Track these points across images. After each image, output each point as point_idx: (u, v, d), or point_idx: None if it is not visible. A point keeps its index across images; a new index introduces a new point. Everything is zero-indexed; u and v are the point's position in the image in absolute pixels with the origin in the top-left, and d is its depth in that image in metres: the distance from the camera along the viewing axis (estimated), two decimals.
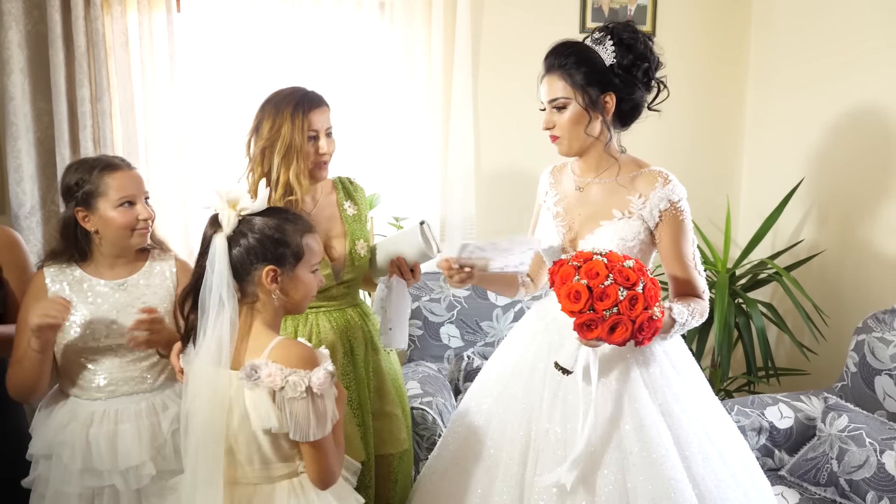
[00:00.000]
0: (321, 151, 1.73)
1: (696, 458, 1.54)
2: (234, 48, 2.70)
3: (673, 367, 1.64)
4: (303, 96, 1.73)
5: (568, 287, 1.41)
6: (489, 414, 1.70)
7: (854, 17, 2.65)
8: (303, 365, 1.33)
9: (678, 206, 1.61)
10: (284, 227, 1.39)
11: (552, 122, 1.66)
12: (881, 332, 2.27)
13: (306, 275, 1.43)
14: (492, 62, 2.98)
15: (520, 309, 2.89)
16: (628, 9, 3.04)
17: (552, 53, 1.65)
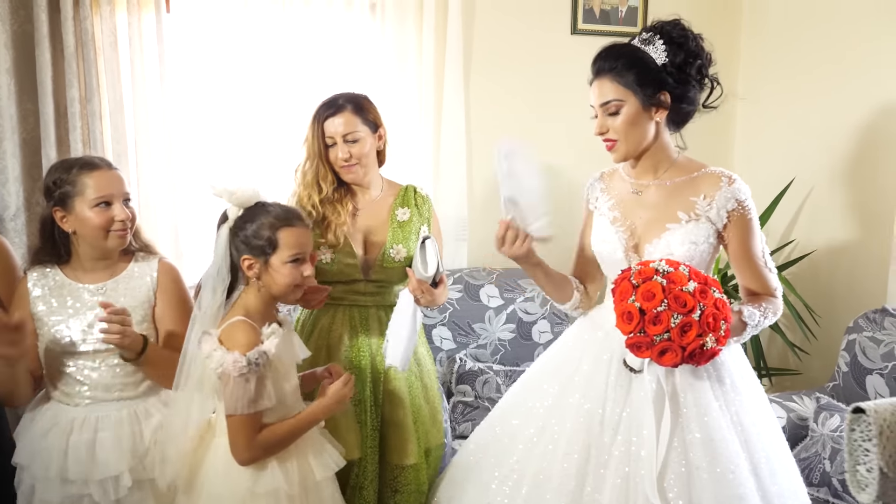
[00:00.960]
0: (340, 157, 1.84)
1: (765, 472, 1.52)
2: (224, 49, 2.68)
3: (742, 378, 1.61)
4: (322, 105, 1.88)
5: (623, 306, 1.40)
6: (541, 425, 1.64)
7: (844, 22, 2.66)
8: (233, 346, 1.49)
9: (745, 204, 1.58)
10: (260, 221, 1.55)
11: (606, 127, 1.61)
12: (872, 331, 2.28)
13: (282, 266, 1.55)
14: (483, 66, 2.97)
15: (512, 311, 2.88)
16: (619, 10, 3.05)
17: (600, 57, 1.60)
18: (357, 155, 1.85)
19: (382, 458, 1.90)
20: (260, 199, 1.59)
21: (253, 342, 1.50)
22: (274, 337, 1.53)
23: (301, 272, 1.59)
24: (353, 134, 1.85)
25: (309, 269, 1.61)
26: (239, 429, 1.50)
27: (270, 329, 1.55)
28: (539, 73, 3.02)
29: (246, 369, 1.46)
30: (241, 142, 2.74)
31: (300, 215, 1.63)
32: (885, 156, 2.50)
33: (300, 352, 1.73)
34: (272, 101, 2.72)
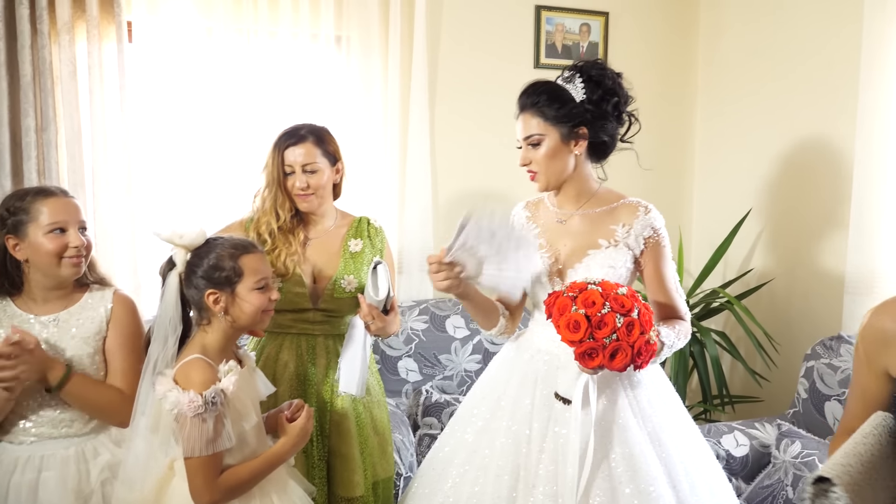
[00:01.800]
0: (297, 185, 1.86)
1: (685, 487, 1.54)
2: (188, 80, 2.66)
3: (658, 395, 1.67)
4: (284, 133, 1.89)
5: (567, 318, 1.43)
6: (472, 449, 1.66)
7: (797, 60, 2.77)
8: (189, 385, 1.45)
9: (660, 232, 1.69)
10: (218, 253, 1.53)
11: (528, 159, 1.69)
12: (829, 358, 2.33)
13: (249, 293, 1.54)
14: (448, 97, 3.01)
15: (478, 342, 2.87)
16: (581, 46, 3.13)
17: (524, 93, 1.69)
18: (314, 186, 1.87)
19: (330, 490, 1.88)
20: (207, 237, 1.59)
21: (209, 380, 1.47)
22: (231, 374, 1.50)
23: (268, 297, 1.58)
24: (311, 165, 1.87)
25: (276, 293, 1.61)
26: (198, 471, 1.45)
27: (228, 366, 1.52)
28: (504, 106, 3.02)
29: (202, 409, 1.42)
30: (204, 174, 2.71)
31: (254, 242, 1.63)
32: (837, 187, 2.58)
33: (264, 388, 1.70)
34: (236, 133, 2.70)
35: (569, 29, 3.10)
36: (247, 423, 1.56)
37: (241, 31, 2.69)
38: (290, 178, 1.87)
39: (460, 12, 2.99)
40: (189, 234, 1.54)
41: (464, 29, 3.00)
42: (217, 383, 1.47)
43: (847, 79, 2.51)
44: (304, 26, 2.73)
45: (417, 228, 2.94)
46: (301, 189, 1.86)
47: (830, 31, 2.61)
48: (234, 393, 1.50)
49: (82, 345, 1.66)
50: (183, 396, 1.42)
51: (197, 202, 2.71)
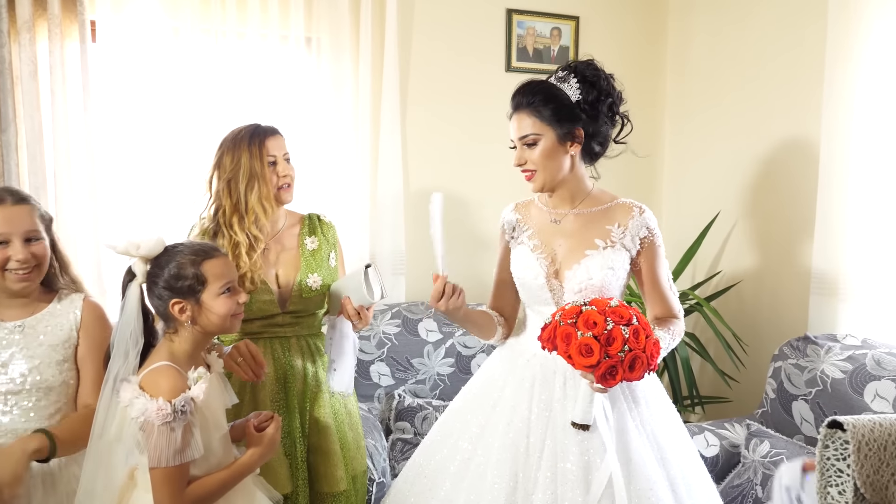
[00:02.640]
0: (282, 174, 1.82)
1: (681, 488, 1.56)
2: (154, 82, 2.60)
3: (655, 398, 1.68)
4: (256, 127, 1.84)
5: (576, 345, 1.43)
6: (467, 456, 1.64)
7: (763, 59, 2.82)
8: (157, 392, 1.41)
9: (654, 232, 1.71)
10: (179, 261, 1.49)
11: (524, 159, 1.68)
12: (796, 358, 2.36)
13: (216, 299, 1.50)
14: (420, 99, 3.00)
15: (451, 345, 2.86)
16: (552, 49, 3.14)
17: (519, 93, 1.68)
18: (293, 177, 1.86)
19: (312, 487, 1.86)
20: (166, 245, 1.54)
21: (179, 388, 1.42)
22: (202, 382, 1.46)
23: (236, 300, 1.54)
24: (288, 154, 1.87)
25: (244, 296, 1.58)
26: (164, 482, 1.40)
27: (197, 373, 1.47)
28: (475, 108, 3.07)
29: (171, 417, 1.38)
30: (171, 177, 2.65)
31: (216, 246, 1.59)
32: (803, 190, 2.63)
33: (229, 397, 1.67)
34: (204, 136, 2.65)
35: (540, 33, 3.12)
36: (217, 432, 1.52)
37: (208, 32, 2.64)
38: (273, 169, 1.82)
39: (432, 14, 2.98)
40: (146, 244, 1.50)
41: (435, 31, 2.99)
42: (187, 391, 1.43)
43: (812, 84, 2.56)
44: (274, 27, 2.69)
45: (389, 230, 2.92)
46: (288, 177, 1.83)
47: (795, 37, 2.66)
48: (205, 401, 1.46)
49: (50, 352, 1.61)
50: (151, 404, 1.38)
51: (163, 206, 2.65)
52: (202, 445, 1.44)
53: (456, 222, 3.09)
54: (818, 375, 2.27)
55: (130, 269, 1.51)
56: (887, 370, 2.11)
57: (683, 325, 1.75)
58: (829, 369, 2.24)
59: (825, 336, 2.36)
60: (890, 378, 2.09)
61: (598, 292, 1.63)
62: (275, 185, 1.83)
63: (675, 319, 1.73)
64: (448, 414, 1.82)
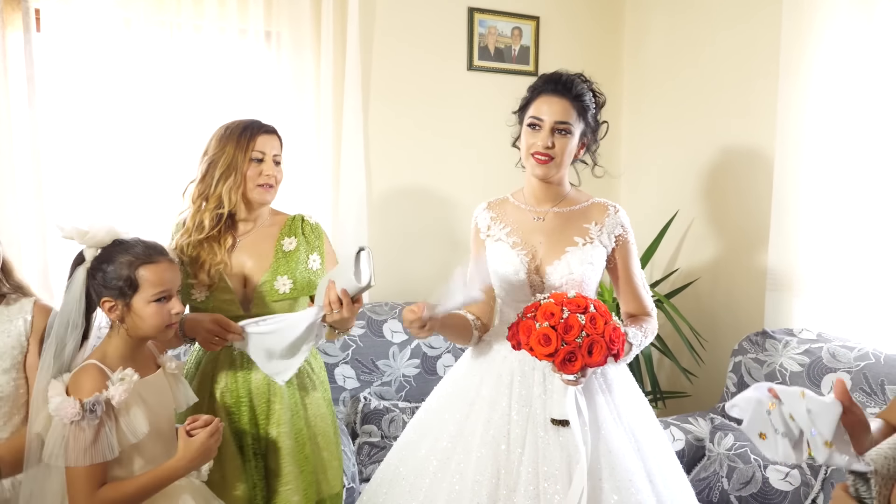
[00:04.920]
0: (265, 173, 1.77)
1: (658, 479, 1.59)
2: (104, 74, 2.47)
3: (629, 392, 1.71)
4: (253, 121, 1.82)
5: (535, 336, 1.46)
6: (446, 455, 1.63)
7: (718, 68, 2.89)
8: (78, 392, 1.40)
9: (628, 229, 1.77)
10: (118, 260, 1.46)
11: (552, 143, 1.68)
12: (755, 353, 2.44)
13: (146, 306, 1.47)
14: (382, 96, 2.96)
15: (417, 346, 2.83)
16: (513, 49, 3.15)
17: (571, 80, 1.69)
18: (279, 178, 1.83)
19: None
20: (118, 237, 1.51)
21: (96, 388, 1.41)
22: (122, 383, 1.43)
23: (168, 310, 1.50)
24: (279, 157, 1.83)
25: (178, 307, 1.53)
26: (75, 481, 1.41)
27: (121, 374, 1.45)
28: (437, 106, 3.05)
29: (79, 416, 1.38)
30: (122, 173, 2.53)
31: (163, 250, 1.54)
32: (758, 188, 2.71)
33: (183, 398, 1.63)
34: (157, 132, 2.54)
35: (501, 32, 3.12)
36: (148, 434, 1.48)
37: (163, 24, 2.53)
38: (256, 166, 1.78)
39: (394, 11, 2.95)
40: (94, 233, 1.47)
41: (397, 28, 2.96)
42: (103, 391, 1.41)
43: (766, 86, 2.64)
44: (232, 21, 2.60)
45: (352, 228, 2.87)
46: (271, 177, 1.78)
47: (750, 35, 2.74)
48: (127, 402, 1.43)
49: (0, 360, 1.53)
50: (64, 402, 1.38)
51: (113, 203, 2.52)
52: (117, 447, 1.42)
53: (418, 220, 3.06)
54: (777, 369, 2.34)
55: (81, 253, 1.50)
56: (842, 363, 2.20)
57: (656, 322, 1.79)
58: (788, 363, 2.32)
59: (782, 330, 2.45)
60: (845, 370, 2.18)
61: (577, 287, 1.65)
62: (255, 183, 1.78)
63: (649, 317, 1.77)
64: (423, 413, 1.81)
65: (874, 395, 2.08)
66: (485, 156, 3.13)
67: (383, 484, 1.72)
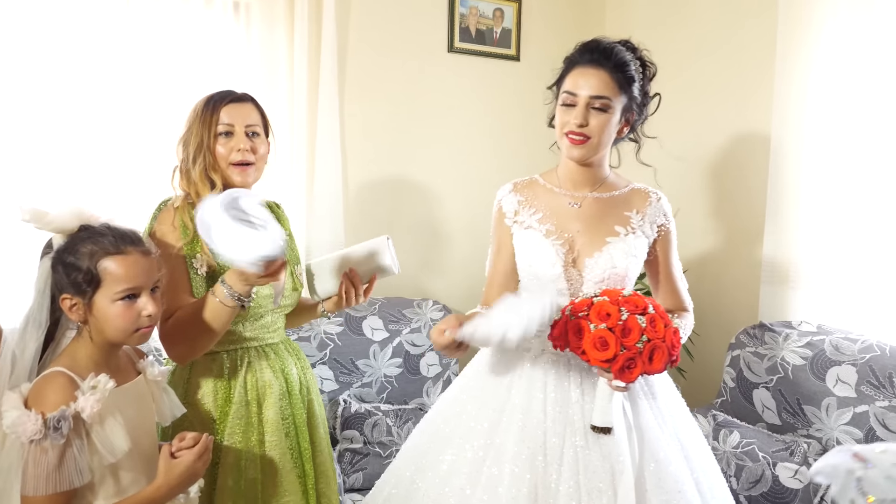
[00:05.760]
0: (236, 148, 1.54)
1: (705, 486, 1.48)
2: (51, 46, 2.20)
3: (670, 394, 1.60)
4: (216, 93, 1.60)
5: (589, 339, 1.30)
6: (475, 468, 1.46)
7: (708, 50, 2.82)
8: (40, 404, 1.19)
9: (670, 219, 1.62)
10: (79, 249, 1.26)
11: (587, 120, 1.50)
12: (754, 346, 2.37)
13: (109, 306, 1.26)
14: (359, 76, 2.76)
15: (399, 344, 2.66)
16: (494, 31, 3.00)
17: (610, 49, 1.51)
18: (257, 153, 1.60)
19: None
20: (85, 222, 1.29)
21: (62, 400, 1.19)
22: (94, 393, 1.21)
23: (137, 311, 1.28)
24: (254, 127, 1.60)
25: (150, 307, 1.30)
26: None
27: (92, 382, 1.23)
28: (416, 88, 2.88)
29: (40, 434, 1.15)
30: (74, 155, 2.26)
31: (136, 238, 1.32)
32: (754, 179, 2.65)
33: (168, 410, 1.42)
34: (112, 109, 2.28)
35: (483, 13, 2.96)
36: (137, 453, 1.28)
37: None
38: (226, 141, 1.56)
39: None
40: (56, 217, 1.26)
41: (376, 6, 2.77)
42: (70, 404, 1.19)
43: (762, 72, 2.57)
44: None
45: (327, 218, 2.66)
46: (247, 150, 1.55)
47: (744, 24, 2.66)
48: (104, 413, 1.22)
49: None
50: (22, 417, 1.17)
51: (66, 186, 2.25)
52: (88, 471, 1.20)
53: (397, 205, 2.88)
54: (778, 363, 2.27)
55: (49, 241, 1.30)
56: (846, 355, 2.14)
57: (693, 319, 1.67)
58: (790, 356, 2.25)
59: (780, 323, 2.38)
60: (850, 363, 2.12)
61: (620, 282, 1.51)
62: (226, 161, 1.56)
63: (686, 313, 1.66)
64: (439, 419, 1.63)
65: (883, 388, 2.03)
66: (465, 142, 2.98)
67: (395, 498, 1.55)
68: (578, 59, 1.53)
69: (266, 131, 1.66)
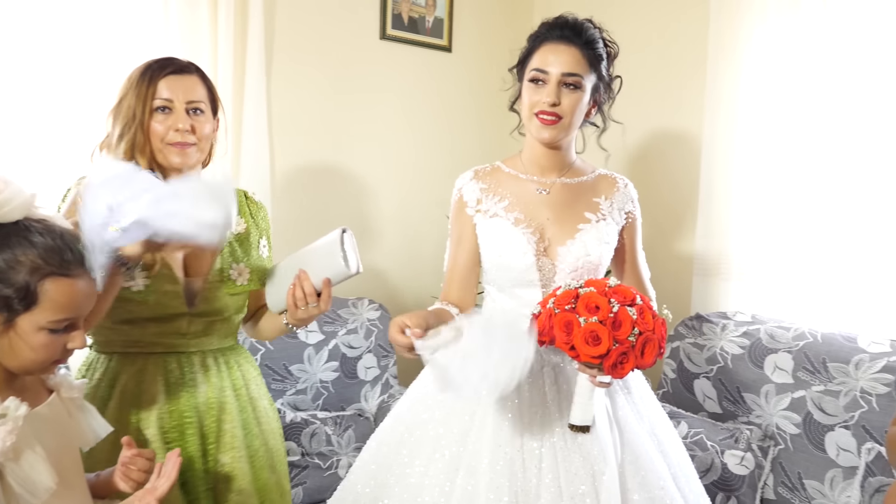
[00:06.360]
0: (174, 126, 1.35)
1: (682, 480, 1.45)
2: None
3: (643, 386, 1.55)
4: (155, 62, 1.41)
5: (580, 334, 1.21)
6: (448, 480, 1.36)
7: (645, 42, 2.84)
8: None
9: (637, 206, 1.58)
10: (17, 255, 1.03)
11: (559, 99, 1.42)
12: (693, 337, 2.41)
13: (35, 333, 1.06)
14: (287, 63, 2.59)
15: (335, 347, 2.51)
16: (427, 20, 2.91)
17: (581, 25, 1.45)
18: (199, 133, 1.41)
19: None
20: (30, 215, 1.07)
21: None
22: (4, 423, 1.03)
23: (62, 345, 1.10)
24: (198, 103, 1.41)
25: (78, 340, 1.11)
26: None
27: (1, 409, 1.04)
28: (346, 74, 2.74)
29: None
30: None
31: (82, 256, 1.11)
32: (686, 176, 2.69)
33: (90, 431, 1.22)
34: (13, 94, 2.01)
35: (415, 1, 2.86)
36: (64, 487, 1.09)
37: None
38: (163, 118, 1.37)
39: None
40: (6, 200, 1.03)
41: None
42: None
43: (695, 67, 2.61)
44: None
45: None
46: (185, 130, 1.37)
47: (679, 19, 2.70)
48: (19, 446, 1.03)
49: None
50: None
51: None
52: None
53: (327, 195, 2.73)
54: (718, 353, 2.32)
55: None
56: (782, 343, 2.22)
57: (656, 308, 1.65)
58: (728, 346, 2.31)
59: (716, 314, 2.44)
60: (785, 350, 2.19)
61: (593, 271, 1.46)
62: (162, 140, 1.38)
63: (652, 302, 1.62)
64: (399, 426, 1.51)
65: (818, 374, 2.11)
66: (398, 134, 2.88)
67: None
68: (547, 35, 1.47)
69: (215, 108, 1.48)
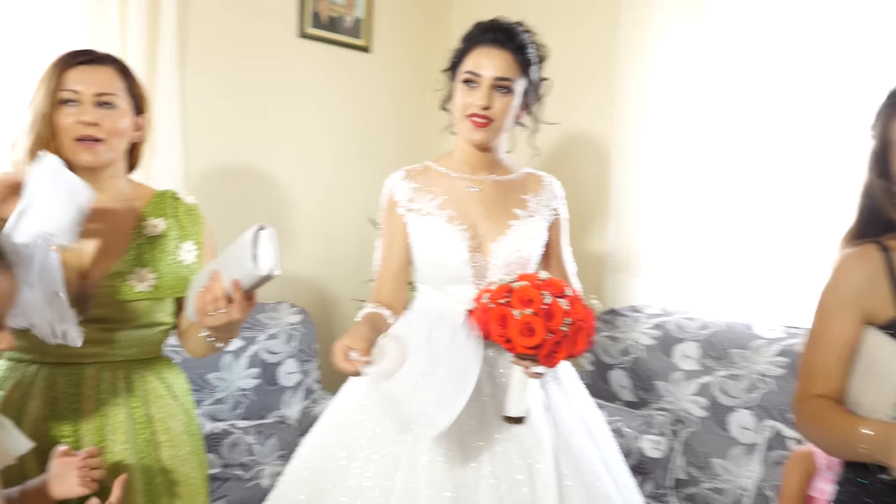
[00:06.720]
0: (84, 119, 1.27)
1: (610, 463, 1.50)
2: None
3: (572, 375, 1.60)
4: (67, 53, 1.34)
5: (515, 326, 1.24)
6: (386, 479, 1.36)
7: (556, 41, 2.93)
8: None
9: (563, 202, 1.63)
10: None
11: (491, 103, 1.46)
12: (608, 331, 2.52)
13: None
14: (201, 61, 2.50)
15: (255, 353, 2.45)
16: (345, 19, 2.88)
17: (512, 29, 1.49)
18: (109, 128, 1.32)
19: None
20: None
21: None
22: None
23: None
24: (110, 96, 1.32)
25: (6, 341, 1.07)
26: None
27: None
28: (262, 74, 2.68)
29: None
30: None
31: (3, 251, 1.07)
32: (598, 177, 2.80)
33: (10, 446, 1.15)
34: None
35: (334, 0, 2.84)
36: None
37: None
38: (70, 110, 1.29)
39: None
40: None
41: None
42: None
43: (607, 69, 2.72)
44: None
45: None
46: (87, 125, 1.28)
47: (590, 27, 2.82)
48: None
49: None
50: None
51: None
52: None
53: (242, 194, 2.65)
54: (630, 345, 2.45)
55: None
56: (689, 332, 2.37)
57: None
58: (640, 337, 2.44)
59: (628, 308, 2.57)
60: (691, 339, 2.35)
61: (524, 266, 1.52)
62: (68, 135, 1.30)
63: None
64: (333, 430, 1.50)
65: (721, 360, 2.27)
66: (316, 135, 2.85)
67: None
68: (480, 38, 1.50)
69: (139, 103, 1.41)
